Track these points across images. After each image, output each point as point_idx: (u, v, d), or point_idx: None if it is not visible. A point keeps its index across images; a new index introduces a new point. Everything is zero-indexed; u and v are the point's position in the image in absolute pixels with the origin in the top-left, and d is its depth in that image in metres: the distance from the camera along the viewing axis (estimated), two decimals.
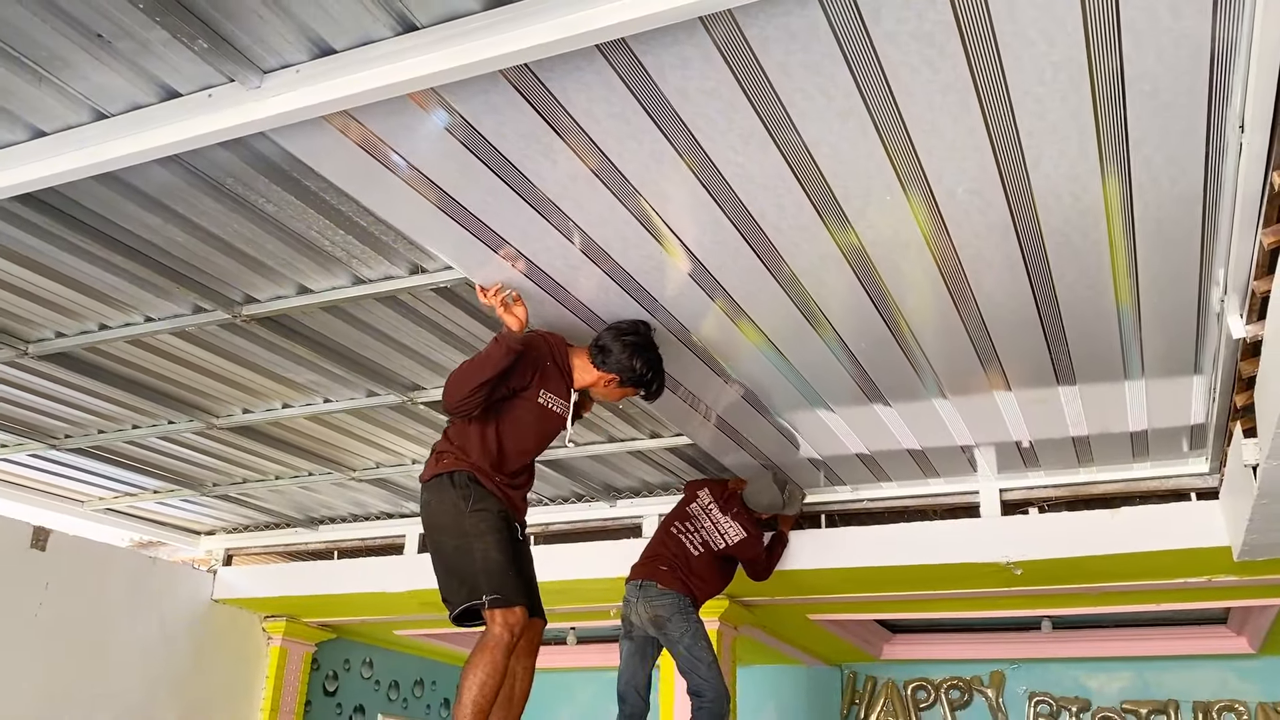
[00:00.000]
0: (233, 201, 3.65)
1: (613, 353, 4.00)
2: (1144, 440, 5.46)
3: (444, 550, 3.64)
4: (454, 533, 3.61)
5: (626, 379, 4.05)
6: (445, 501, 3.66)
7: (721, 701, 4.95)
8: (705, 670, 4.98)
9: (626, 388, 4.09)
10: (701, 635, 5.18)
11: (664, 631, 5.14)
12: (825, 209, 3.42)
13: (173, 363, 5.10)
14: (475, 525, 3.59)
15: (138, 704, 7.58)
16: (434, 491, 3.71)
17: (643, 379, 4.05)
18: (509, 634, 3.38)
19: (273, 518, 8.04)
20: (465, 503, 3.63)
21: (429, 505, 3.73)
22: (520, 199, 3.41)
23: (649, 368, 4.04)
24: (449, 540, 3.62)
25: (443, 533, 3.65)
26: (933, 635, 9.58)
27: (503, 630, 3.38)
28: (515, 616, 3.42)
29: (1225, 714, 8.67)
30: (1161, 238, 3.50)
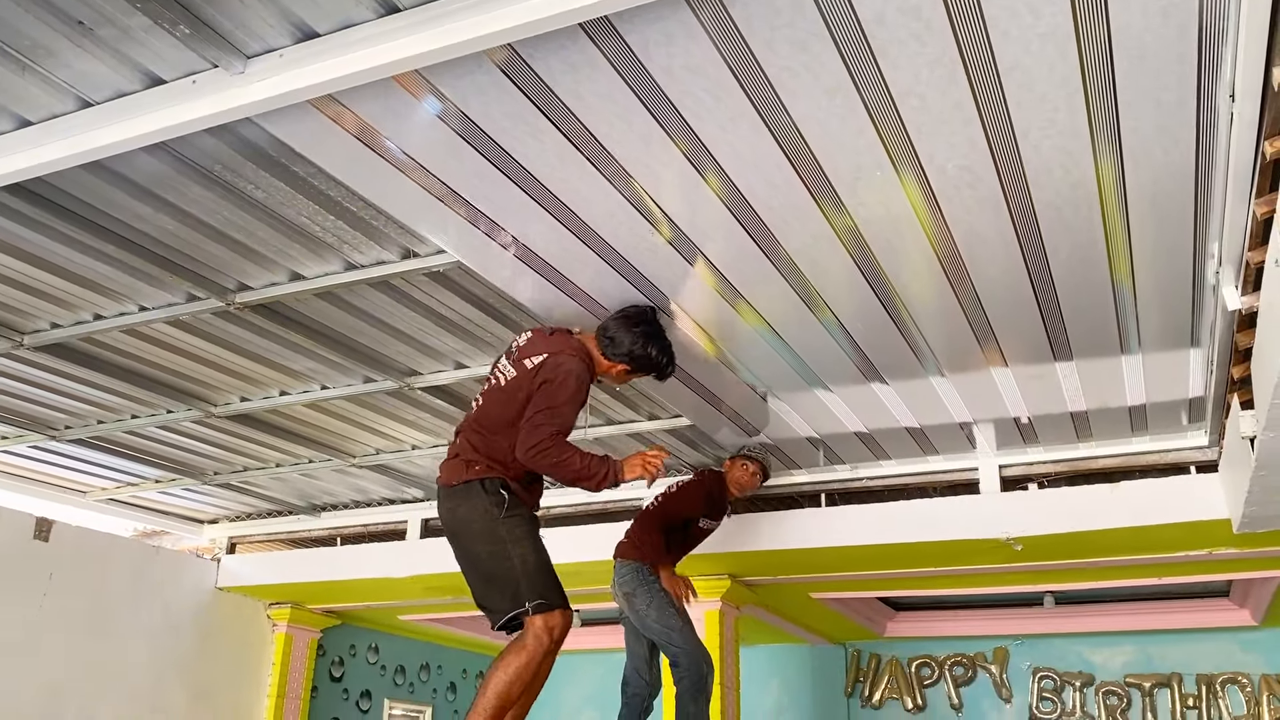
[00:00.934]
0: (222, 189, 3.64)
1: (623, 342, 3.98)
2: (1143, 414, 5.45)
3: (477, 557, 3.57)
4: (487, 539, 3.54)
5: (638, 365, 4.04)
6: (476, 508, 3.58)
7: (698, 665, 4.82)
8: (678, 637, 4.88)
9: (636, 373, 4.09)
10: (667, 602, 5.03)
11: (633, 608, 5.03)
12: (816, 187, 3.40)
13: (169, 352, 5.10)
14: (511, 531, 3.54)
15: (144, 692, 7.63)
16: (462, 497, 3.62)
17: (656, 364, 4.07)
18: (549, 638, 3.37)
19: (275, 505, 8.06)
20: (499, 509, 3.56)
21: (456, 511, 3.64)
22: (511, 182, 3.39)
23: (663, 353, 4.07)
24: (482, 547, 3.55)
25: (475, 539, 3.58)
26: (936, 612, 9.60)
27: (544, 634, 3.37)
28: (556, 620, 3.41)
29: (1228, 686, 8.69)
30: (1155, 210, 3.48)
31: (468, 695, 10.95)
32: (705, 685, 4.83)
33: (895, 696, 9.77)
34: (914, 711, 9.65)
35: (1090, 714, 9.09)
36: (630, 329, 3.99)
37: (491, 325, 4.74)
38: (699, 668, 4.83)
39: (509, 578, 3.46)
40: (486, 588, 3.54)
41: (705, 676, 4.85)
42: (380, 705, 9.88)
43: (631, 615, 5.07)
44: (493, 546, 3.53)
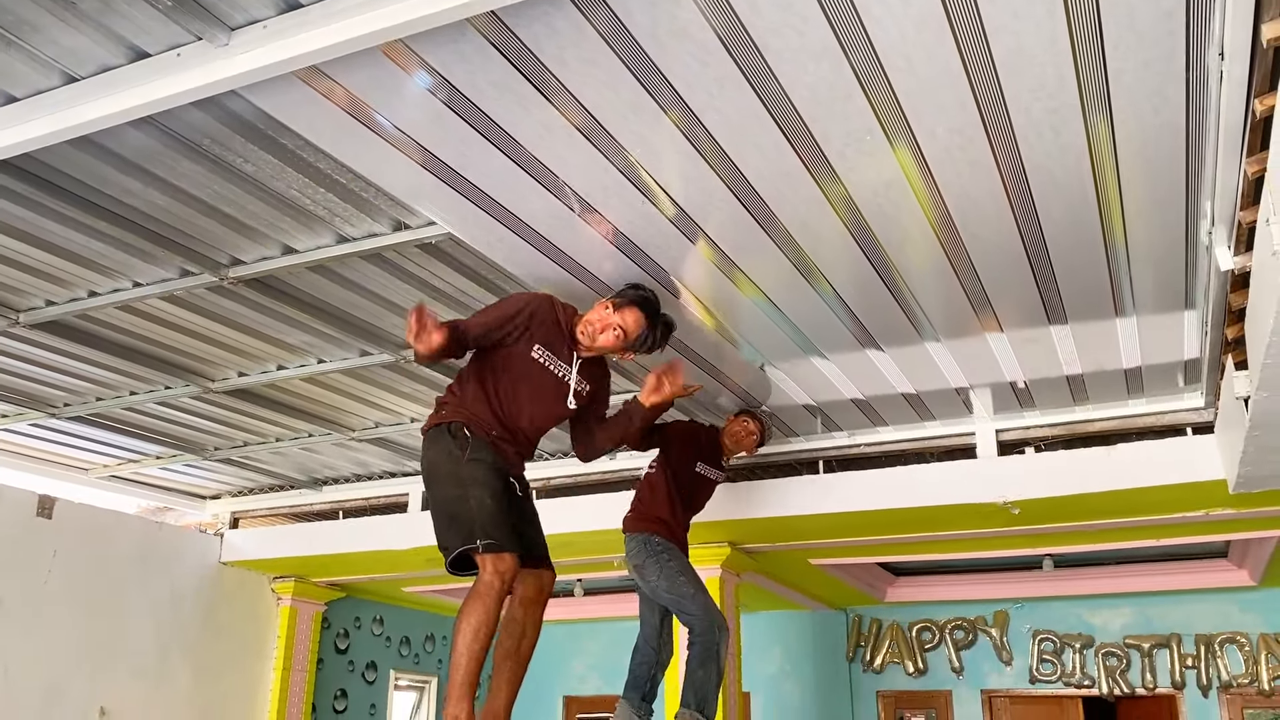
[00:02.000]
0: (211, 163, 3.63)
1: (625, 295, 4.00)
2: (1138, 377, 5.45)
3: (440, 499, 3.63)
4: (451, 481, 3.58)
5: (634, 343, 4.01)
6: (441, 451, 3.64)
7: (711, 631, 4.75)
8: (690, 604, 4.82)
9: (631, 350, 4.06)
10: (678, 571, 4.94)
11: (644, 579, 4.96)
12: (806, 152, 3.39)
13: (165, 328, 5.11)
14: (471, 473, 3.56)
15: (151, 666, 7.70)
16: (432, 441, 3.70)
17: (654, 344, 4.07)
18: (499, 580, 3.38)
19: (276, 480, 8.10)
20: (461, 451, 3.60)
21: (426, 455, 3.72)
22: (500, 152, 3.38)
23: (667, 331, 4.10)
24: (446, 489, 3.60)
25: (439, 482, 3.63)
26: (936, 577, 9.67)
27: (493, 576, 3.38)
28: (506, 563, 3.41)
29: (1227, 646, 8.76)
30: (1146, 170, 3.46)
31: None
32: (717, 651, 4.73)
33: (896, 661, 9.85)
34: (915, 675, 9.74)
35: (1090, 675, 9.17)
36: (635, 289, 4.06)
37: (485, 297, 4.73)
38: (712, 633, 4.76)
39: (465, 517, 3.47)
40: (445, 526, 3.55)
41: (718, 641, 4.77)
42: (386, 676, 9.97)
43: (644, 587, 5.02)
44: (455, 489, 3.55)
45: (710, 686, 4.71)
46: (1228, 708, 8.69)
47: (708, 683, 4.72)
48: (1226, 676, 8.70)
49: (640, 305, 3.93)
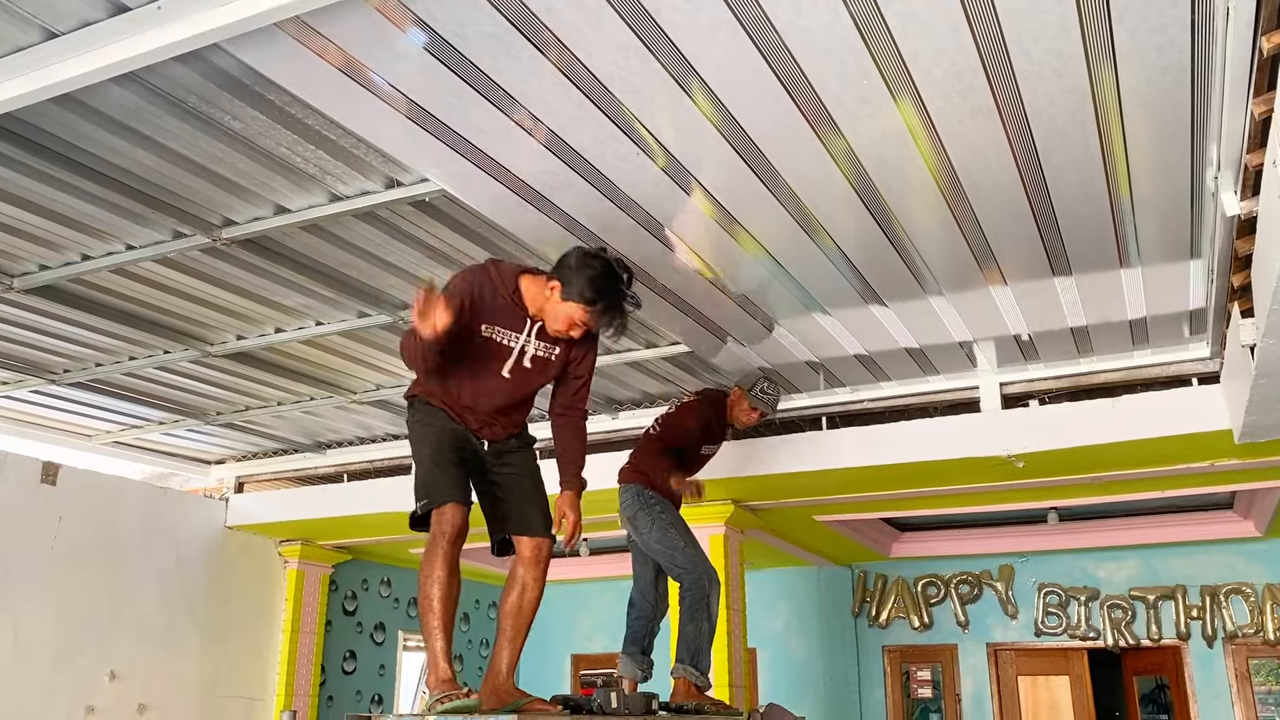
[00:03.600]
0: (198, 120, 3.57)
1: (565, 260, 3.51)
2: (1143, 327, 5.40)
3: (414, 463, 3.73)
4: (414, 448, 3.67)
5: (570, 291, 3.45)
6: (409, 426, 3.72)
7: (700, 584, 4.76)
8: (680, 557, 4.83)
9: (571, 302, 3.46)
10: (668, 524, 4.92)
11: (637, 530, 4.96)
12: (805, 103, 3.32)
13: (161, 291, 5.08)
14: (419, 436, 3.62)
15: (159, 630, 7.75)
16: (406, 419, 3.78)
17: (585, 290, 3.45)
18: (438, 531, 3.41)
19: (280, 444, 8.10)
20: (415, 421, 3.67)
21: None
22: (490, 104, 3.32)
23: (605, 295, 3.48)
24: (414, 456, 3.71)
25: (412, 451, 3.72)
26: (941, 532, 9.67)
27: (435, 529, 3.42)
28: (445, 515, 3.42)
29: (1232, 597, 8.77)
30: (1151, 114, 3.39)
31: (480, 625, 11.13)
32: (708, 604, 4.79)
33: (902, 616, 9.89)
34: (920, 630, 9.78)
35: (1095, 627, 9.20)
36: (582, 260, 3.50)
37: (482, 255, 4.68)
38: (701, 586, 4.79)
39: (418, 479, 3.57)
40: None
41: (708, 594, 4.79)
42: (394, 637, 10.04)
43: (635, 538, 5.05)
44: (414, 454, 3.65)
45: (703, 639, 4.73)
46: (1232, 658, 8.72)
47: (699, 636, 4.74)
48: (1231, 627, 8.72)
49: (602, 303, 3.47)
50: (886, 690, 9.83)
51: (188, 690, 7.92)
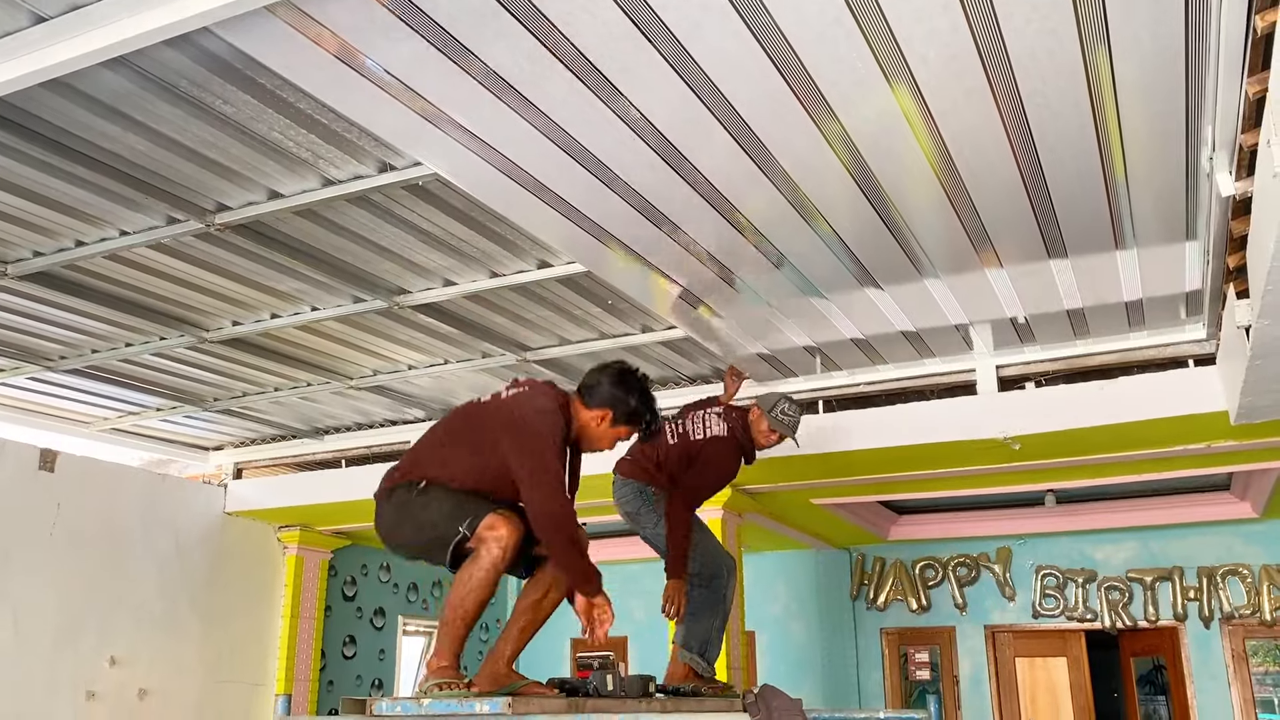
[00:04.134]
0: (189, 105, 3.56)
1: (601, 386, 3.59)
2: (1139, 309, 5.39)
3: (425, 537, 3.54)
4: (427, 515, 3.48)
5: (619, 414, 3.61)
6: (419, 504, 3.52)
7: (719, 575, 4.62)
8: (694, 551, 4.58)
9: (620, 425, 3.64)
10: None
11: (640, 527, 4.71)
12: (799, 87, 3.31)
13: (155, 277, 5.07)
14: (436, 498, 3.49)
15: (159, 616, 7.78)
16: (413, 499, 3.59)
17: (636, 412, 3.64)
18: (493, 538, 3.34)
19: (278, 430, 8.11)
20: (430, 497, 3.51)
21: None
22: (482, 87, 3.30)
23: (643, 400, 3.66)
24: (432, 528, 3.49)
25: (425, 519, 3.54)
26: (939, 515, 9.69)
27: (489, 542, 3.34)
28: (495, 527, 3.34)
29: (1229, 578, 8.79)
30: (1145, 95, 3.38)
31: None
32: (723, 595, 4.62)
33: (900, 598, 9.92)
34: (918, 612, 9.81)
35: (1092, 609, 9.23)
36: (605, 372, 3.63)
37: (477, 240, 4.69)
38: (720, 576, 4.62)
39: (445, 529, 3.44)
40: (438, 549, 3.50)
41: (725, 585, 4.63)
42: (394, 622, 10.08)
43: (640, 534, 4.79)
44: (428, 514, 3.49)
45: (714, 632, 4.66)
46: (1229, 638, 8.75)
47: (711, 629, 4.66)
48: (1228, 608, 8.75)
49: (631, 420, 3.62)
50: (885, 672, 9.87)
51: (188, 675, 7.95)
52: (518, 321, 5.71)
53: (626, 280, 4.92)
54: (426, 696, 3.33)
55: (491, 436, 3.42)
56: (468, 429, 3.53)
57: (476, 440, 3.46)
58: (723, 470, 4.75)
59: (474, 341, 6.00)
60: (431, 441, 3.62)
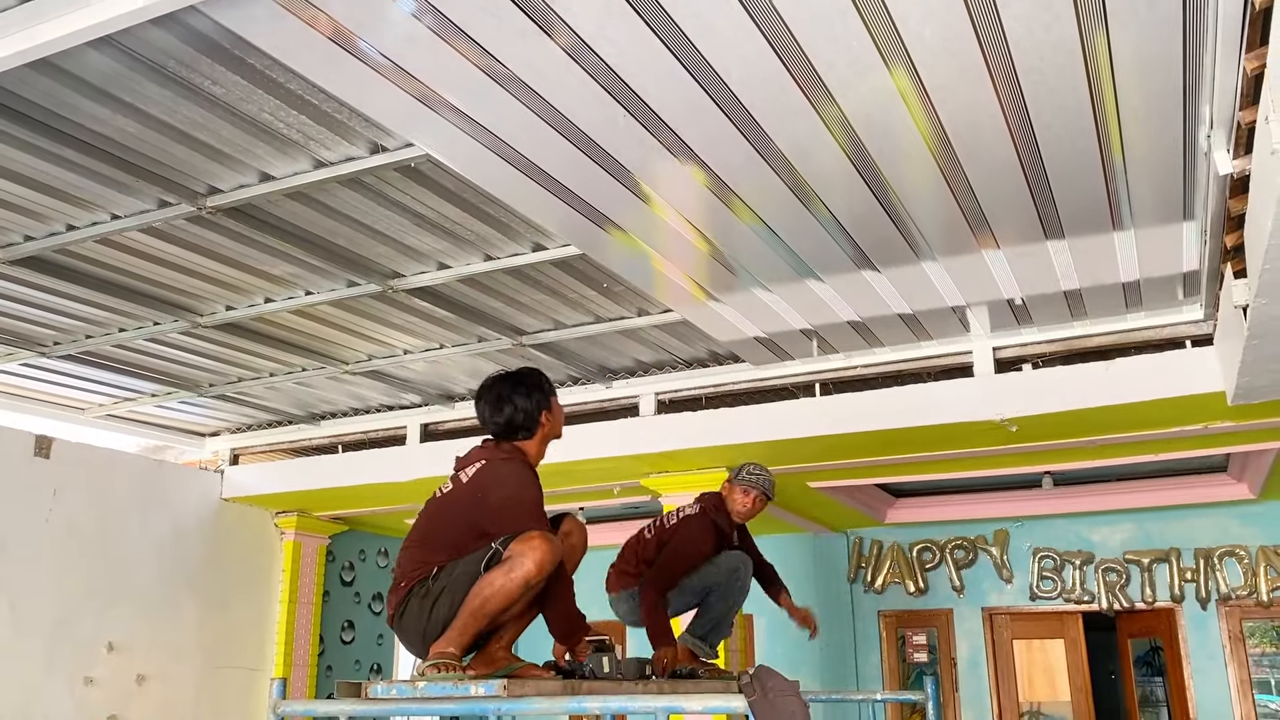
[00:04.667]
0: (178, 86, 3.53)
1: (517, 402, 3.39)
2: (1136, 290, 5.37)
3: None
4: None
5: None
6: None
7: (734, 579, 4.52)
8: (708, 586, 4.51)
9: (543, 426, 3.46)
10: (681, 589, 4.50)
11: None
12: (797, 69, 3.28)
13: (148, 261, 5.04)
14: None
15: (157, 601, 7.78)
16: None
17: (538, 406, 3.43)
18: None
19: (274, 415, 8.09)
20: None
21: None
22: (473, 66, 3.27)
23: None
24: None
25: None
26: (936, 497, 9.69)
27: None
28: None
29: (1226, 559, 8.80)
30: (1142, 71, 3.35)
31: None
32: (740, 587, 4.56)
33: (897, 581, 9.93)
34: (916, 595, 9.82)
35: (1090, 591, 9.24)
36: (512, 386, 3.41)
37: (471, 222, 4.66)
38: (735, 579, 4.53)
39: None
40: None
41: (741, 579, 4.55)
42: None
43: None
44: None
45: (725, 618, 4.63)
46: (1226, 619, 8.76)
47: (720, 616, 4.63)
48: (1225, 589, 8.76)
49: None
50: (882, 655, 9.88)
51: (186, 661, 7.96)
52: (513, 305, 5.69)
53: (622, 263, 4.90)
54: (422, 679, 3.32)
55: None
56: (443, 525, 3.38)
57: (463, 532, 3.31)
58: (692, 542, 4.54)
59: (469, 325, 5.97)
60: (413, 544, 3.44)
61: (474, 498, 3.27)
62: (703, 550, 4.53)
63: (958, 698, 9.56)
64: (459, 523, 3.28)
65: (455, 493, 3.34)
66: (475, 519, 3.24)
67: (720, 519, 4.67)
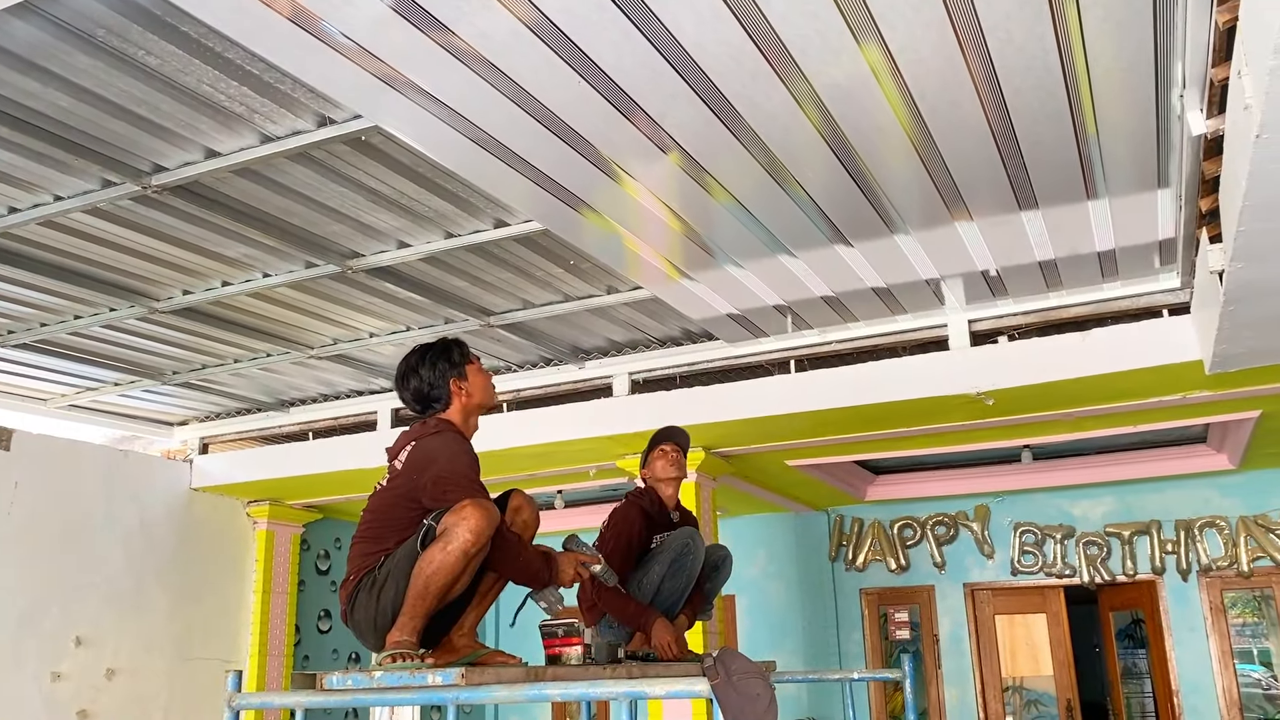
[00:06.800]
0: (110, 56, 3.37)
1: (421, 374, 3.33)
2: (1112, 259, 5.28)
3: None
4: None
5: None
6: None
7: (684, 554, 4.27)
8: (665, 570, 4.28)
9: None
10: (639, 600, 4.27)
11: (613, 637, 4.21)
12: (761, 38, 3.16)
13: (97, 244, 4.89)
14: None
15: (126, 592, 7.64)
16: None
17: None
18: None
19: (243, 403, 7.95)
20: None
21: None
22: (419, 31, 3.13)
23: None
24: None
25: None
26: (915, 474, 9.63)
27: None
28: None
29: (1207, 530, 8.77)
30: (1112, 28, 3.24)
31: None
32: (684, 567, 4.30)
33: (879, 558, 9.88)
34: (897, 572, 9.77)
35: (1071, 564, 9.21)
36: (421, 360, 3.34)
37: (429, 198, 4.52)
38: (681, 559, 4.26)
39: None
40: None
41: (686, 562, 4.29)
42: None
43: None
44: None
45: (679, 594, 4.49)
46: (1207, 590, 8.74)
47: (681, 596, 4.49)
48: (1206, 560, 8.73)
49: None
50: (864, 632, 9.84)
51: (158, 653, 7.83)
52: (478, 284, 5.56)
53: (593, 241, 4.78)
54: (379, 669, 3.21)
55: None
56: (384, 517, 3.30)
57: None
58: (620, 526, 4.34)
59: (435, 307, 5.84)
60: (361, 537, 3.36)
61: (410, 480, 3.17)
62: (633, 531, 4.33)
63: (940, 674, 9.52)
64: (402, 509, 3.19)
65: (393, 481, 3.25)
66: (417, 500, 3.14)
67: (648, 504, 4.43)
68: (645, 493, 4.45)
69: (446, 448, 3.18)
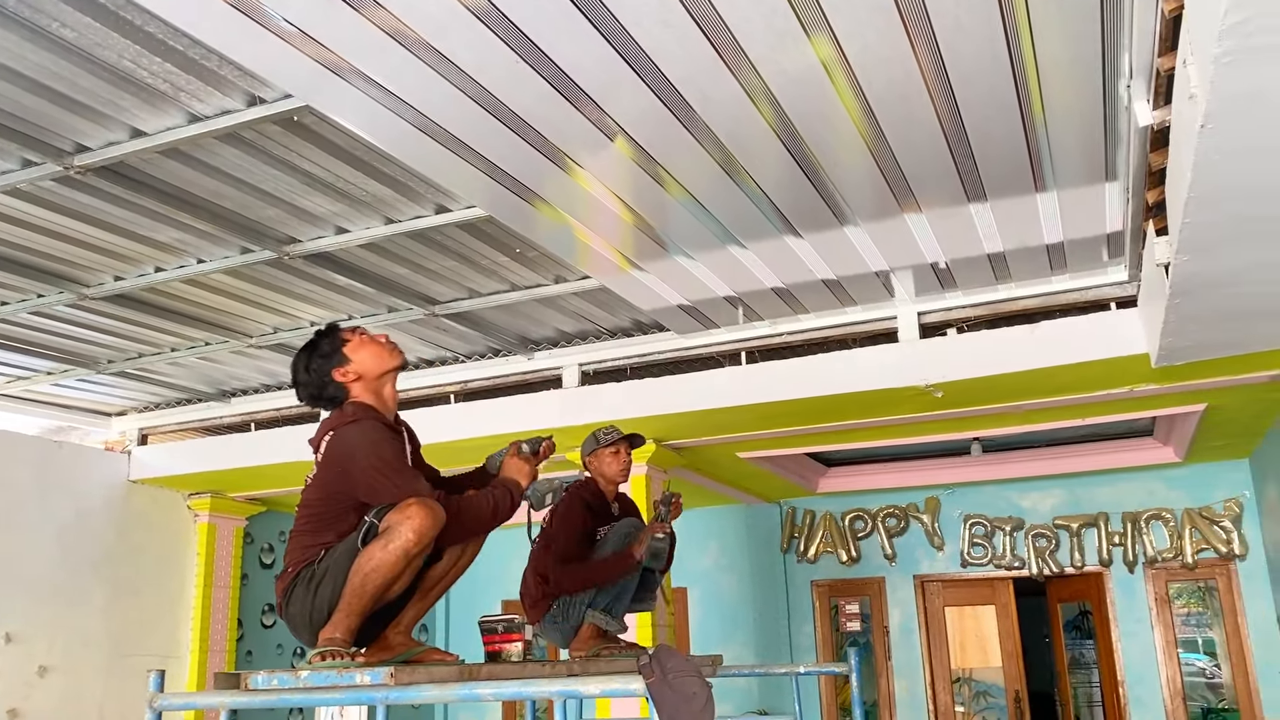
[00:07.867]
0: (22, 28, 3.21)
1: (299, 378, 3.22)
2: (1061, 252, 5.28)
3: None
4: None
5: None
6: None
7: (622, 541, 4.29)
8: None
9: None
10: (594, 596, 4.27)
11: (569, 622, 4.26)
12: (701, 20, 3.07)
13: (19, 227, 4.69)
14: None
15: (60, 588, 7.41)
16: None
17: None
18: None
19: (182, 393, 7.74)
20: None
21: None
22: (350, 7, 3.01)
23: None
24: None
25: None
26: (867, 466, 9.63)
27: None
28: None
29: (1153, 522, 8.86)
30: (1059, 14, 3.19)
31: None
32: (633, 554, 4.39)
33: (830, 550, 9.88)
34: (848, 564, 9.78)
35: (1020, 557, 9.26)
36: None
37: (366, 182, 4.39)
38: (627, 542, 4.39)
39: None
40: None
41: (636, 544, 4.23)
42: None
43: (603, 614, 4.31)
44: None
45: (628, 589, 4.39)
46: (1152, 582, 8.84)
47: (627, 586, 4.40)
48: (1152, 552, 8.82)
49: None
50: (816, 624, 9.84)
51: (93, 650, 7.62)
52: (420, 272, 5.43)
53: (540, 229, 4.68)
54: (306, 668, 3.10)
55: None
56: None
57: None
58: (565, 519, 4.25)
59: (377, 295, 5.70)
60: (298, 530, 3.20)
61: (337, 473, 3.05)
62: (577, 520, 4.25)
63: (890, 666, 9.55)
64: (334, 502, 3.07)
65: (319, 474, 3.12)
66: (350, 494, 3.03)
67: (589, 496, 4.34)
68: (587, 484, 4.35)
69: (365, 438, 3.06)
